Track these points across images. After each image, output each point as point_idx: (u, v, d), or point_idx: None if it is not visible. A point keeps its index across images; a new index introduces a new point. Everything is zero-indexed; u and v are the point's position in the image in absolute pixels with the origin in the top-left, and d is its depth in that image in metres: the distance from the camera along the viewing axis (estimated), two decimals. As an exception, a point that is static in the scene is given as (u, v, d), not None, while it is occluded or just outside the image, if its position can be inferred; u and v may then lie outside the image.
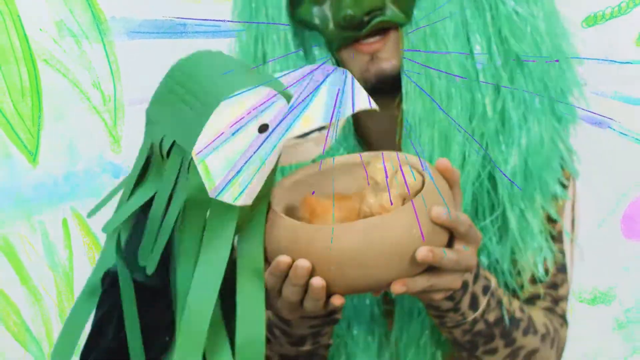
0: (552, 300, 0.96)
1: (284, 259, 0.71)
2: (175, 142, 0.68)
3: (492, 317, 0.86)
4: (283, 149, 0.68)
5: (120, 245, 0.73)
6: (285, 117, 0.67)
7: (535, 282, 0.94)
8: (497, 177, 0.88)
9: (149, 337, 0.71)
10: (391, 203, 0.73)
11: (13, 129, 1.60)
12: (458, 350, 0.91)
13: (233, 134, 0.65)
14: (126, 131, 1.59)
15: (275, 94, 0.68)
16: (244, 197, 0.68)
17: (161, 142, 0.69)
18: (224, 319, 0.69)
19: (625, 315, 1.70)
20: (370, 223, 0.70)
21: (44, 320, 1.68)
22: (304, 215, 0.76)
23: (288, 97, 0.68)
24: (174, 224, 0.69)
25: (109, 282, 0.72)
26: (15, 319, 1.68)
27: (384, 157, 0.78)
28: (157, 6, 1.53)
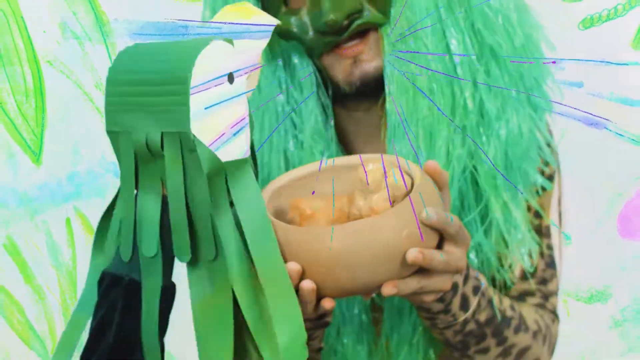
0: (542, 296, 0.95)
1: None
2: (164, 134, 0.67)
3: (483, 317, 0.86)
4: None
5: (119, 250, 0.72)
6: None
7: (525, 279, 0.94)
8: (480, 170, 0.88)
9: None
10: (382, 205, 0.72)
11: (17, 129, 1.61)
12: (450, 350, 0.91)
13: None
14: (128, 132, 1.60)
15: (226, 43, 0.68)
16: (245, 148, 0.69)
17: (147, 143, 0.69)
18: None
19: (621, 313, 1.71)
20: (360, 225, 0.69)
21: (48, 319, 1.69)
22: (293, 218, 0.75)
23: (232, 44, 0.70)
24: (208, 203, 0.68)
25: (107, 283, 0.72)
26: (19, 317, 1.69)
27: (372, 160, 0.78)
28: (160, 8, 1.53)
